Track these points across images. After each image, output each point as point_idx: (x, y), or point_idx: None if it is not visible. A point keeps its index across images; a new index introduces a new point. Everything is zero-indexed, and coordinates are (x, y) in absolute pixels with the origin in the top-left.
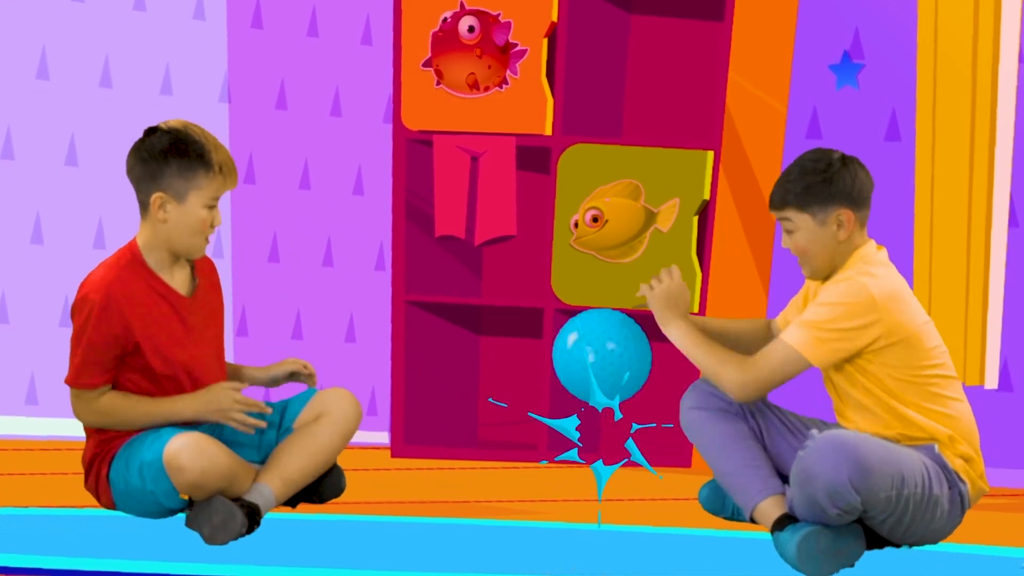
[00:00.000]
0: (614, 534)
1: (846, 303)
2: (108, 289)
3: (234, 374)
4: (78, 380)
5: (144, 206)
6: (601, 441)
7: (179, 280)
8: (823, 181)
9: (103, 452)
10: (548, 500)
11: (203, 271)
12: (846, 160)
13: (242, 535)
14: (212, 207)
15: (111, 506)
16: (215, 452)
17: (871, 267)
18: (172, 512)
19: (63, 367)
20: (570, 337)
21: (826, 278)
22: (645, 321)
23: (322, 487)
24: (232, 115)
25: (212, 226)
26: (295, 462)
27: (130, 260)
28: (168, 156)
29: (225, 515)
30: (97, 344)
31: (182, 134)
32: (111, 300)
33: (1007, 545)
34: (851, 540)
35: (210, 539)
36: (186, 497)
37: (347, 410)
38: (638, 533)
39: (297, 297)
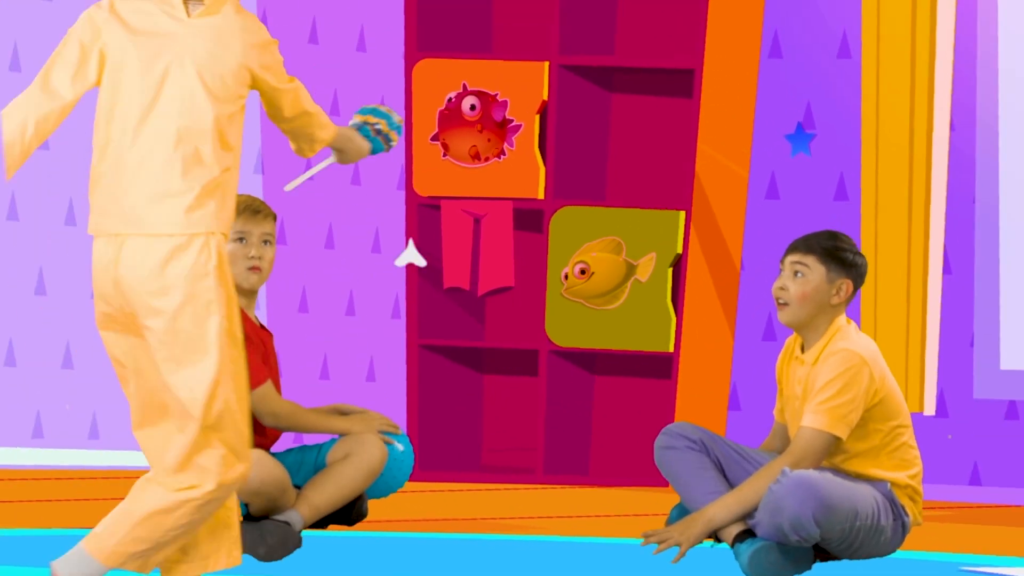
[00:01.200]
0: (602, 546)
1: (846, 373)
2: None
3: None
4: (253, 380)
5: None
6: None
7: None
8: (850, 254)
9: None
10: (544, 516)
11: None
12: (862, 256)
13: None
14: (239, 240)
15: None
16: (274, 467)
17: (851, 336)
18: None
19: (63, 404)
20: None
21: (799, 328)
22: None
23: (347, 513)
24: (265, 185)
25: (250, 257)
26: (323, 494)
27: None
28: None
29: (281, 534)
30: (254, 347)
31: None
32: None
33: (938, 551)
34: (800, 556)
35: (268, 557)
36: (244, 503)
37: (372, 455)
38: (624, 545)
39: (324, 343)
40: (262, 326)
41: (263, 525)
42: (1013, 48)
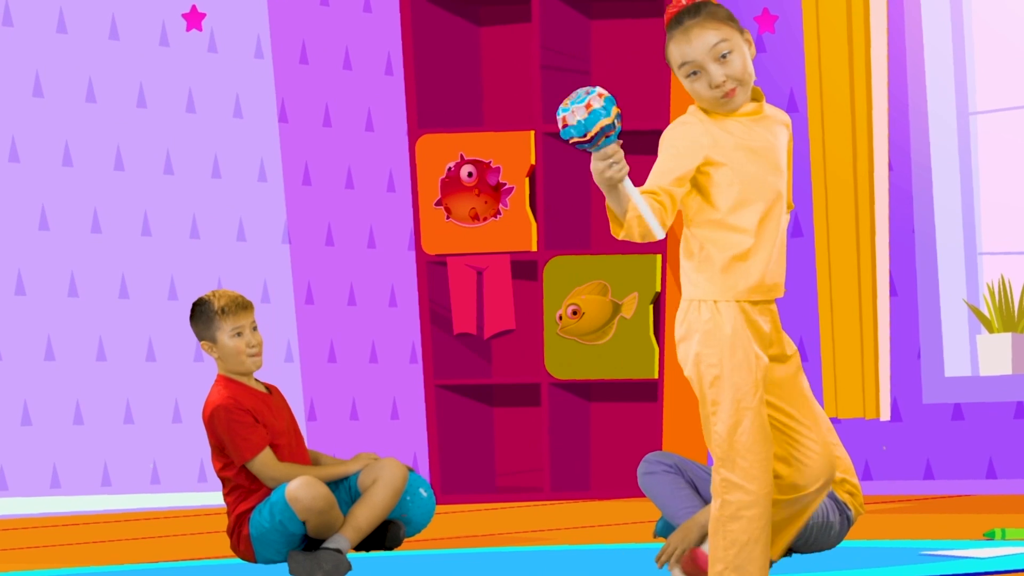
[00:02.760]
0: (603, 551)
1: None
2: (226, 398)
3: (315, 460)
4: (254, 450)
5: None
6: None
7: (258, 387)
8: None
9: (242, 520)
10: (553, 529)
11: (270, 387)
12: None
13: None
14: (238, 335)
15: (251, 559)
16: (320, 486)
17: None
18: (296, 540)
19: (77, 457)
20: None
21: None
22: None
23: (386, 539)
24: (293, 254)
25: (250, 346)
26: (361, 516)
27: (225, 381)
28: (195, 318)
29: (334, 561)
30: (244, 423)
31: (198, 301)
32: (235, 401)
33: (899, 539)
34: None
35: None
36: (303, 521)
37: (395, 474)
38: (623, 550)
39: (351, 388)
40: (266, 385)
41: (319, 554)
42: (938, 93)
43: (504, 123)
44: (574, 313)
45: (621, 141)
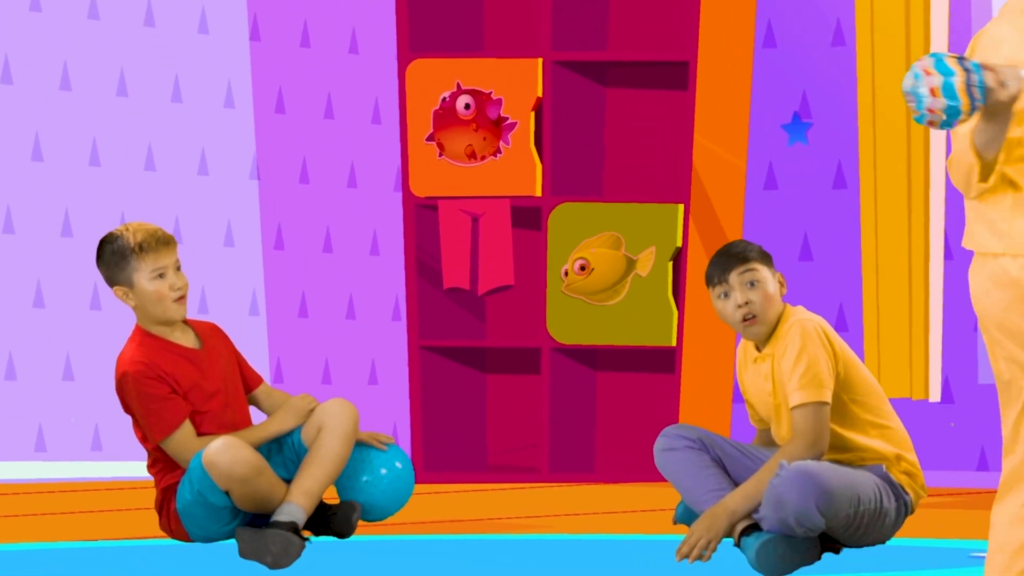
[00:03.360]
0: (608, 542)
1: (805, 341)
2: (139, 362)
3: (267, 398)
4: (166, 430)
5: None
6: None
7: (185, 340)
8: (764, 251)
9: (169, 494)
10: (550, 515)
11: (202, 329)
12: None
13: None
14: (159, 276)
15: (184, 537)
16: (241, 449)
17: (794, 312)
18: (227, 515)
19: (66, 416)
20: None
21: (765, 339)
22: None
23: (334, 523)
24: (261, 190)
25: (174, 288)
26: (309, 477)
27: (142, 337)
28: (105, 259)
29: (283, 541)
30: (156, 395)
31: (109, 237)
32: (148, 366)
33: (948, 538)
34: (807, 547)
35: (275, 565)
36: (224, 492)
37: (342, 418)
38: (632, 541)
39: (325, 347)
40: (197, 331)
41: (266, 533)
42: None
43: (507, 49)
44: (582, 268)
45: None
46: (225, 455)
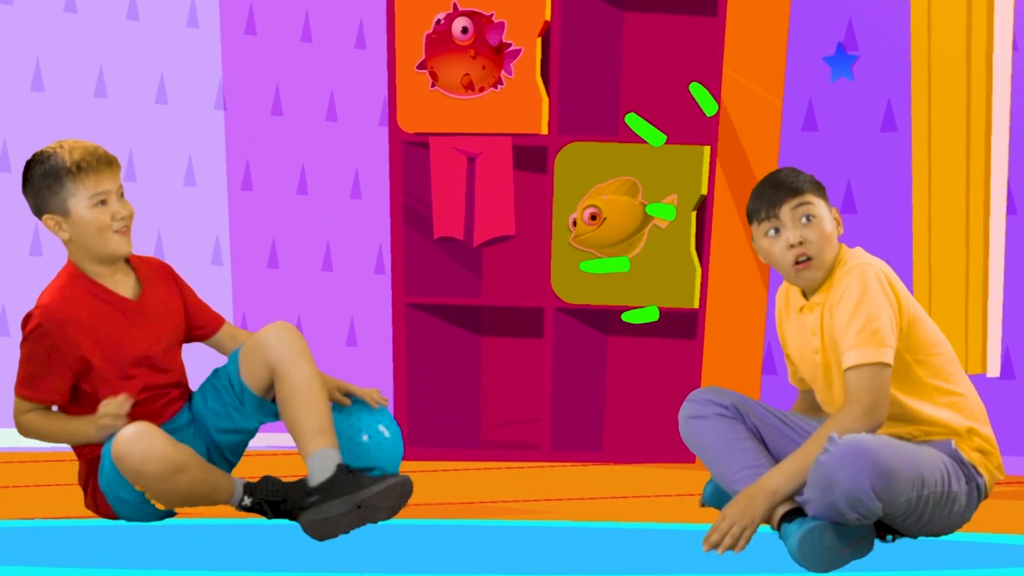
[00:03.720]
0: (620, 532)
1: (867, 292)
2: (51, 312)
3: (231, 339)
4: (19, 389)
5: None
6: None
7: (123, 285)
8: (817, 181)
9: (95, 466)
10: (552, 499)
11: (147, 271)
12: None
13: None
14: (101, 203)
15: (112, 516)
16: (155, 439)
17: (853, 255)
18: (154, 511)
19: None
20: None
21: (818, 285)
22: None
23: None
24: (228, 122)
25: (117, 218)
26: (312, 413)
27: (69, 277)
28: (33, 182)
29: (378, 488)
30: (38, 359)
31: (40, 155)
32: (53, 324)
33: (1012, 532)
34: (859, 537)
35: (394, 512)
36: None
37: (289, 341)
38: (645, 530)
39: (297, 302)
40: (139, 273)
41: (339, 500)
42: None
43: None
44: (592, 218)
45: None
46: (136, 448)
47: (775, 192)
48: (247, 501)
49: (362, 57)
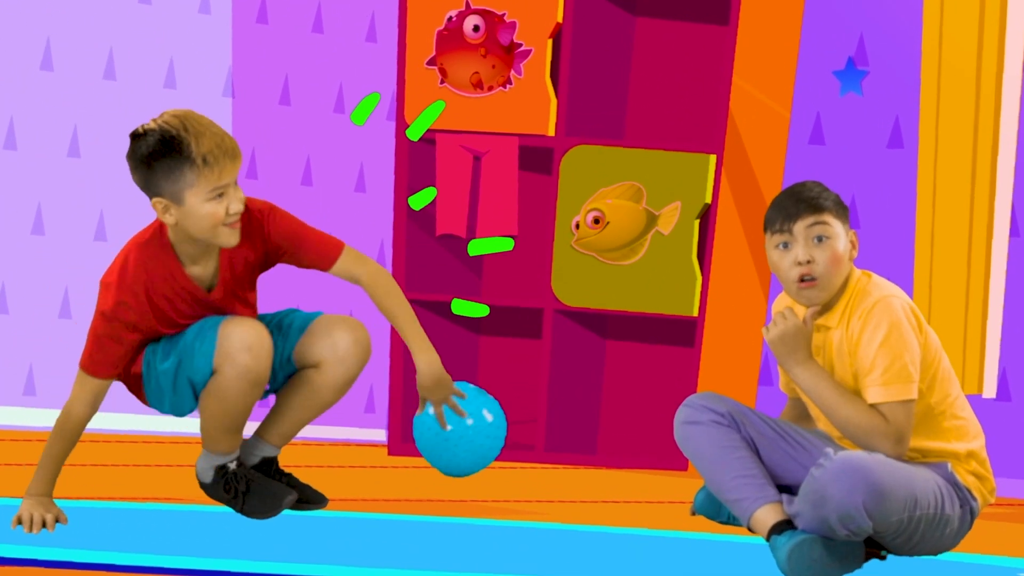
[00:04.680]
0: (610, 536)
1: (895, 328)
2: (133, 283)
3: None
4: (87, 366)
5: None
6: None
7: (202, 273)
8: (841, 201)
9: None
10: (545, 500)
11: (227, 265)
12: None
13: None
14: (218, 197)
15: (138, 387)
16: (265, 350)
17: (876, 283)
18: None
19: (62, 358)
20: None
21: (823, 308)
22: None
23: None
24: (235, 110)
25: (229, 213)
26: (290, 421)
27: (156, 249)
28: (152, 161)
29: (276, 492)
30: (108, 334)
31: (163, 134)
32: (134, 294)
33: (1006, 555)
34: (848, 552)
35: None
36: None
37: (348, 362)
38: (634, 536)
39: (297, 295)
40: (244, 226)
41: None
42: None
43: None
44: (596, 221)
45: None
46: (250, 340)
47: (794, 206)
48: (232, 466)
49: (372, 51)
